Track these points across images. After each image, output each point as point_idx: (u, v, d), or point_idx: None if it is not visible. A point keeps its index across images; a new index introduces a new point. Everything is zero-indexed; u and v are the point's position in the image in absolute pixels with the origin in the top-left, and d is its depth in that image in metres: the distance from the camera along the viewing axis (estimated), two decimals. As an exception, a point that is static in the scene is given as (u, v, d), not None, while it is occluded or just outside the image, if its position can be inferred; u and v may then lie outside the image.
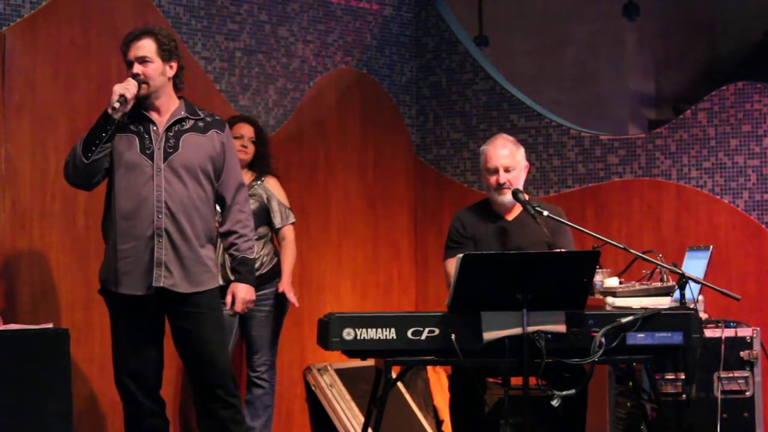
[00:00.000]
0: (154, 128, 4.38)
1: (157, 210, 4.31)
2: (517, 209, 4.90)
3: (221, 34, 5.96)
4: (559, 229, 4.83)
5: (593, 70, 11.20)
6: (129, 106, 4.30)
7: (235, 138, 5.40)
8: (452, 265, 4.54)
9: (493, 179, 4.84)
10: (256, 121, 5.73)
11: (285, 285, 5.48)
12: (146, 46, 4.35)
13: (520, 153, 4.89)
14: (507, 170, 4.82)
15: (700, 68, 11.78)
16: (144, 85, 4.33)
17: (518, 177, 4.84)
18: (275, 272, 5.50)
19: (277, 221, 5.52)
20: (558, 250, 4.68)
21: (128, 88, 4.27)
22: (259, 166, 5.56)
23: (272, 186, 5.55)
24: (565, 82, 11.13)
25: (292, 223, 5.57)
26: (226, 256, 5.03)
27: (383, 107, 6.75)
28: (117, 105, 4.23)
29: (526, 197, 4.83)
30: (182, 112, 4.43)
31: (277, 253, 5.56)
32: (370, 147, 6.66)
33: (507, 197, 4.83)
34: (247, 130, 5.54)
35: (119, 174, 4.34)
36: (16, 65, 5.09)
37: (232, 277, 4.71)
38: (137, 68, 4.33)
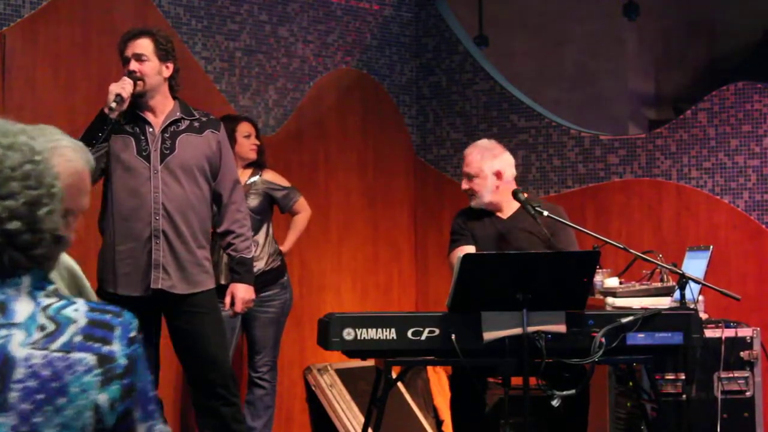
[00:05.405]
0: (150, 129, 4.37)
1: (155, 211, 4.31)
2: (513, 208, 4.90)
3: (221, 34, 5.96)
4: (559, 227, 4.83)
5: (593, 70, 11.18)
6: (125, 105, 4.29)
7: (246, 137, 5.45)
8: (457, 256, 4.54)
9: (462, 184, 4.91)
10: (253, 118, 5.78)
11: (286, 246, 5.60)
12: (144, 45, 4.36)
13: (490, 161, 4.86)
14: (470, 177, 4.86)
15: (700, 68, 11.76)
16: (140, 83, 4.32)
17: (481, 185, 4.85)
18: (279, 272, 5.51)
19: (287, 204, 5.56)
20: (558, 251, 4.68)
21: (124, 87, 4.26)
22: (258, 162, 5.58)
23: (271, 177, 5.58)
24: (565, 82, 11.12)
25: (301, 198, 5.61)
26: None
27: (383, 107, 6.75)
28: (114, 105, 4.23)
29: (526, 196, 4.83)
30: (177, 113, 4.43)
31: (280, 253, 5.57)
32: (370, 147, 6.66)
33: (473, 202, 4.88)
34: (252, 129, 5.57)
35: (116, 175, 4.34)
36: (16, 65, 5.09)
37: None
38: (134, 65, 4.34)
